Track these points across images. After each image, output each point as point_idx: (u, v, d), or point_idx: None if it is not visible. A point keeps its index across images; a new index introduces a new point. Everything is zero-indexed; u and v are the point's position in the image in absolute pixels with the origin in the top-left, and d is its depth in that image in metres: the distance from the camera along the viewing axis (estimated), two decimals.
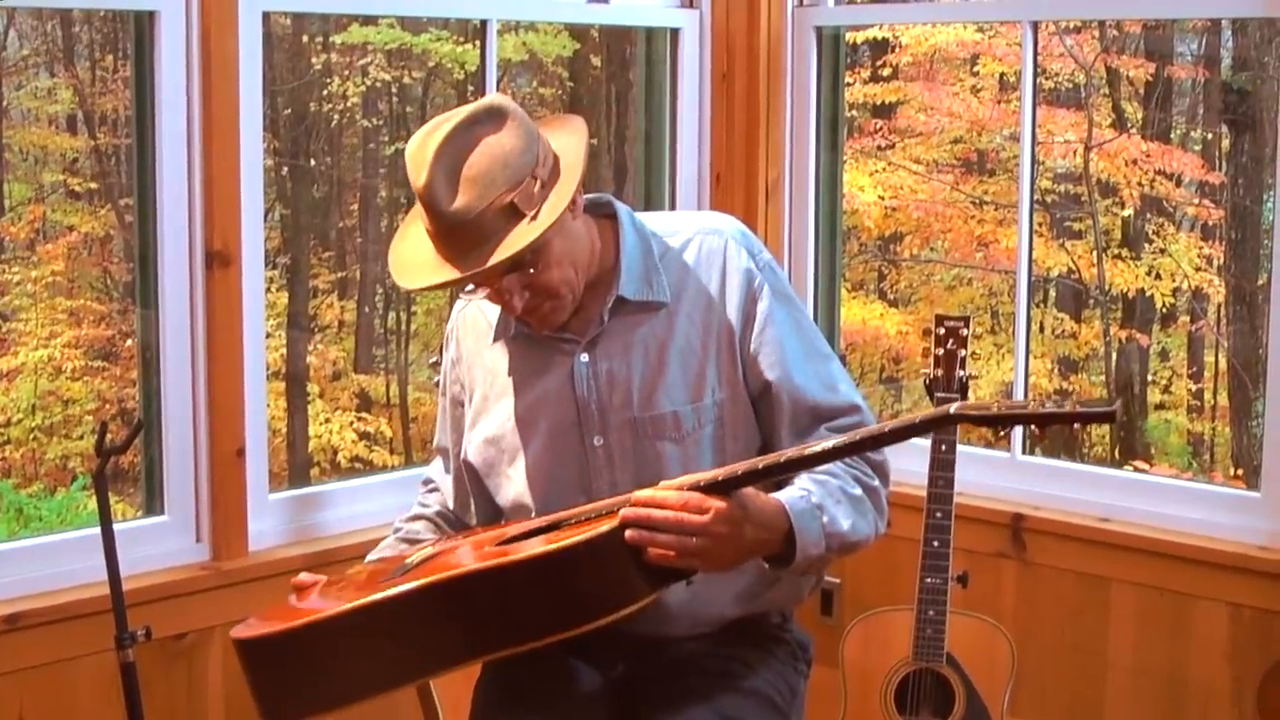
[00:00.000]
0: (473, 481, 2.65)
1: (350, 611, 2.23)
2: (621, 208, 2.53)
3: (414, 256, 2.36)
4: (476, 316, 2.62)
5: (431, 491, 2.77)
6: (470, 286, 2.41)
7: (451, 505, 2.71)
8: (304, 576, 2.50)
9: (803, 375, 2.47)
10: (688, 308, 2.48)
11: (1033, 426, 2.05)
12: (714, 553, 2.18)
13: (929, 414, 2.12)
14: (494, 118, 2.31)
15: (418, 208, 2.34)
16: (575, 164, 2.35)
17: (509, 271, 2.31)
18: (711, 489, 2.19)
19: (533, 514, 2.51)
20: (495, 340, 2.57)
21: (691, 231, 2.53)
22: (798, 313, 2.54)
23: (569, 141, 2.39)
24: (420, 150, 2.29)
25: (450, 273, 2.29)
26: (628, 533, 2.16)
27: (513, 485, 2.55)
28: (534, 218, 2.27)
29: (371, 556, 2.66)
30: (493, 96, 2.37)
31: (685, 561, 2.18)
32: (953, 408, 2.08)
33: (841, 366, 2.58)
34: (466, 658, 2.25)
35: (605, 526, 2.18)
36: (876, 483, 2.47)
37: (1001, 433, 2.05)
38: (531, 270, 2.32)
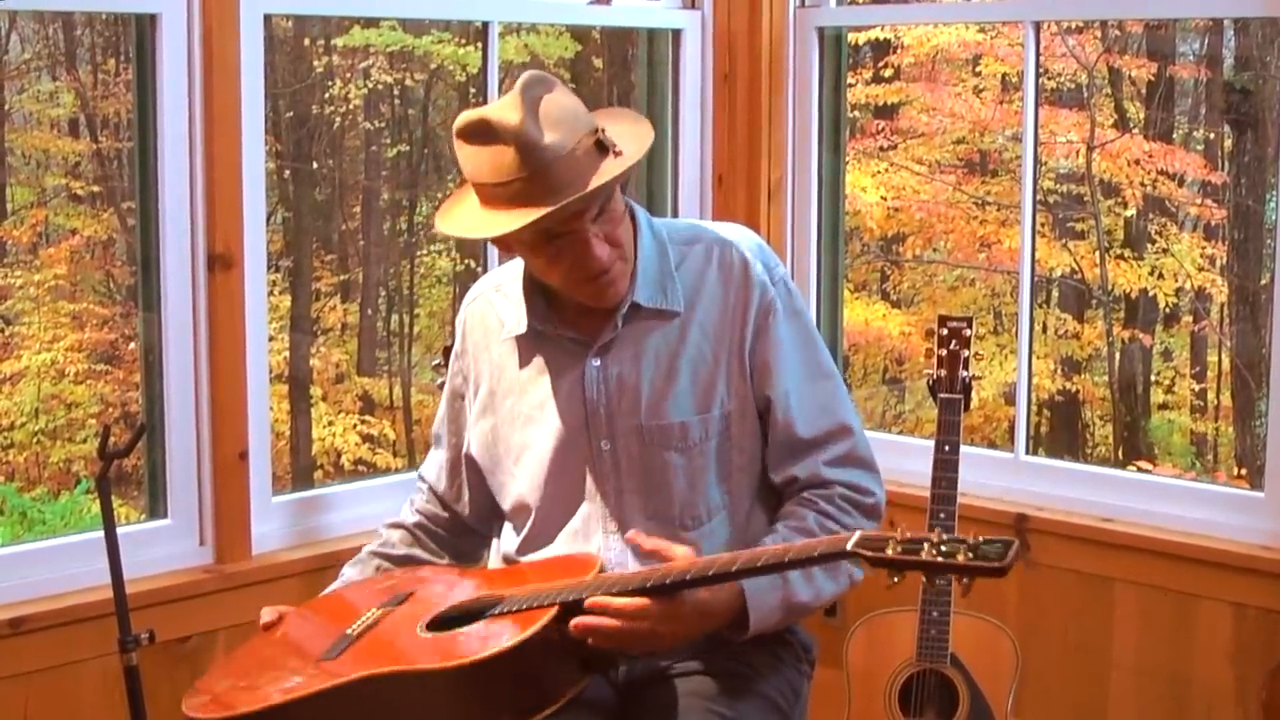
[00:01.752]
0: (472, 475, 2.66)
1: (290, 702, 2.29)
2: (640, 212, 2.53)
3: (483, 215, 2.36)
4: (486, 311, 2.62)
5: (419, 493, 2.78)
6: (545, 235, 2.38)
7: (442, 491, 2.72)
8: (268, 615, 2.55)
9: (798, 396, 2.48)
10: (700, 318, 2.48)
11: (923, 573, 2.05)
12: (659, 644, 2.25)
13: (828, 548, 2.12)
14: (546, 83, 2.35)
15: (464, 189, 2.39)
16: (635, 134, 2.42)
17: (595, 217, 2.34)
18: (655, 591, 2.21)
19: (532, 513, 2.53)
20: (506, 337, 2.57)
21: (709, 241, 2.54)
22: (807, 330, 2.55)
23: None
24: (501, 105, 2.31)
25: (543, 209, 2.28)
26: (574, 630, 2.20)
27: (516, 484, 2.55)
28: (618, 154, 2.32)
29: (346, 570, 2.71)
30: (530, 71, 2.39)
31: (632, 653, 2.29)
32: (850, 543, 2.07)
33: (843, 385, 2.59)
34: None
35: (541, 621, 2.21)
36: (873, 498, 2.52)
37: (895, 578, 2.08)
38: (610, 216, 2.36)
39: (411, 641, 2.34)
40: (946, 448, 3.45)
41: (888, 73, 8.69)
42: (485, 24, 3.87)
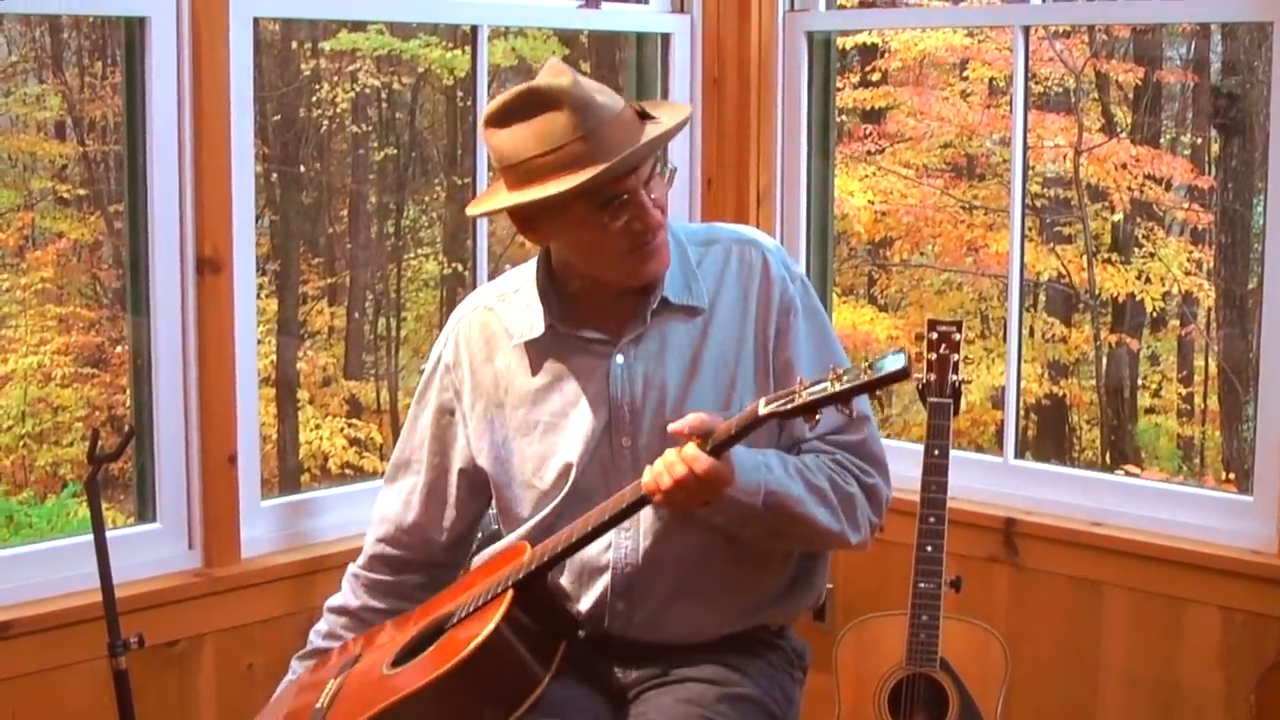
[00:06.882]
0: (464, 492, 2.63)
1: None
2: None
3: (530, 190, 2.34)
4: (489, 321, 2.58)
5: (369, 558, 2.75)
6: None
7: (412, 522, 2.67)
8: None
9: None
10: (722, 316, 2.48)
11: None
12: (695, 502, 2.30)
13: (745, 418, 2.23)
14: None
15: (492, 186, 2.42)
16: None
17: (645, 181, 2.35)
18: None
19: (556, 517, 2.52)
20: (517, 343, 2.54)
21: (727, 242, 2.55)
22: (825, 329, 2.56)
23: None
24: (543, 77, 2.33)
25: (601, 164, 2.28)
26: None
27: (534, 494, 2.53)
28: (658, 122, 2.36)
29: (295, 665, 2.75)
30: (553, 58, 2.41)
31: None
32: (761, 408, 2.19)
33: None
34: None
35: (503, 607, 2.25)
36: (875, 479, 2.51)
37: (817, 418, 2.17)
38: (658, 179, 2.38)
39: (380, 684, 2.35)
40: (936, 451, 3.45)
41: (875, 77, 8.70)
42: (474, 27, 3.86)
